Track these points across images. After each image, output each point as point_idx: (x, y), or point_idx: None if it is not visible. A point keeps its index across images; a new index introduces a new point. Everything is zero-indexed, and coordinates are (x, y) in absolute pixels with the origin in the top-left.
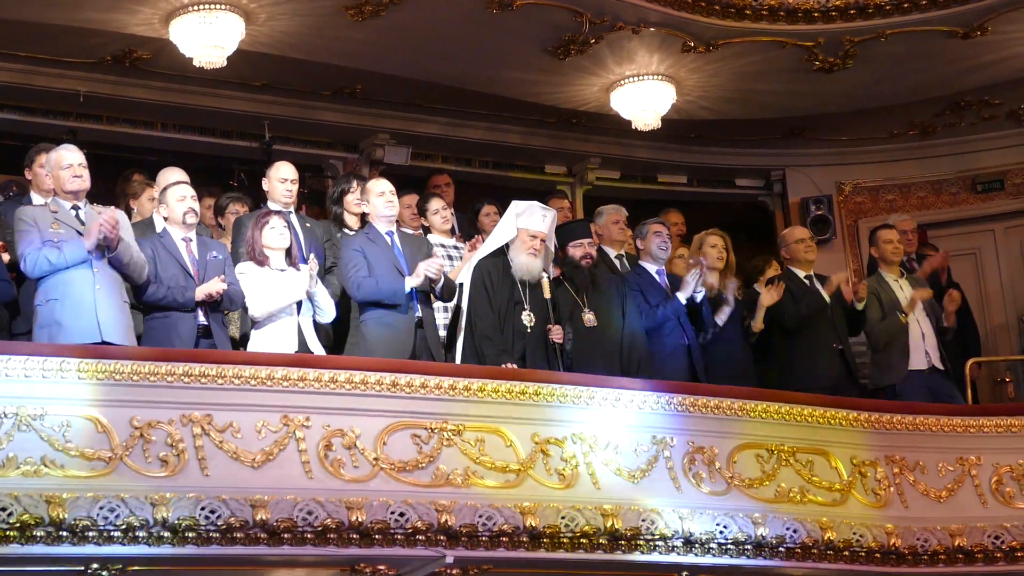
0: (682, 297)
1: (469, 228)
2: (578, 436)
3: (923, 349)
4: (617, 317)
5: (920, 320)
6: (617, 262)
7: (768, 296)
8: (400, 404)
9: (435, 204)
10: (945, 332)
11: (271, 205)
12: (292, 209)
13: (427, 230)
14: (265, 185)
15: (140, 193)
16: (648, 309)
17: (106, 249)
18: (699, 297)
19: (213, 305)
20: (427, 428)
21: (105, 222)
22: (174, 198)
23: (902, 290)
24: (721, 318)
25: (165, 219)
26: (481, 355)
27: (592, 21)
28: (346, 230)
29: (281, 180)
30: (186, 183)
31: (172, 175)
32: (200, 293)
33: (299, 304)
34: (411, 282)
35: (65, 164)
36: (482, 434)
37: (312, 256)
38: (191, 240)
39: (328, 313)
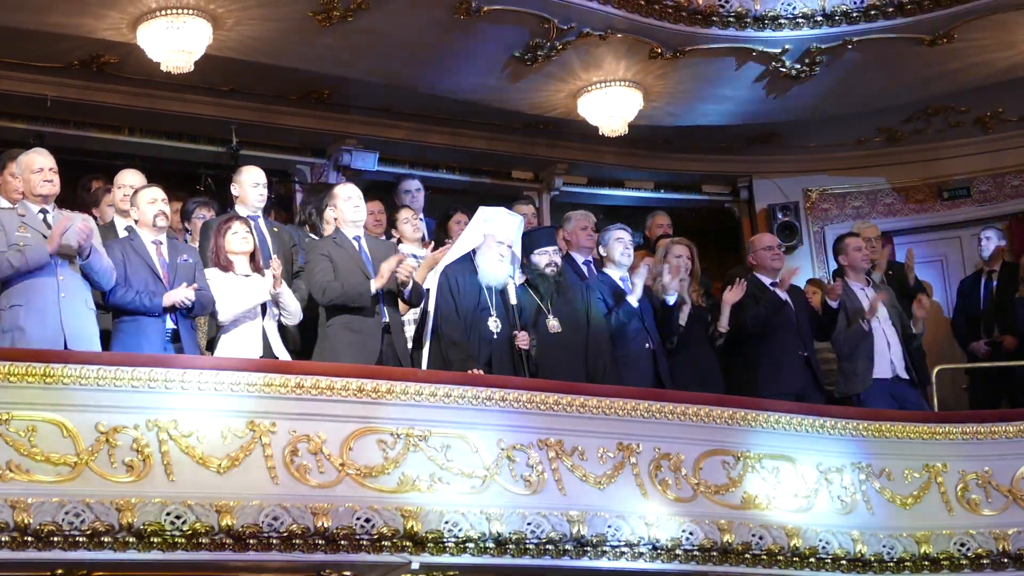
0: (632, 300)
1: (438, 234)
2: (544, 442)
3: (888, 358)
4: (582, 323)
5: (885, 329)
6: (585, 268)
7: (731, 294)
8: (366, 410)
9: (405, 213)
10: (912, 339)
11: (240, 209)
12: (260, 214)
13: (397, 240)
14: (235, 190)
15: (100, 199)
16: (609, 315)
17: (77, 256)
18: (671, 300)
19: (183, 310)
20: (393, 434)
21: (81, 230)
22: (145, 201)
23: (867, 298)
24: (682, 318)
25: (136, 222)
26: (447, 361)
27: (559, 28)
28: (312, 236)
29: (254, 184)
30: (157, 186)
31: (130, 177)
32: (168, 300)
33: (264, 308)
34: (376, 284)
35: (36, 168)
36: (448, 440)
37: (275, 258)
38: (161, 243)
39: (294, 316)
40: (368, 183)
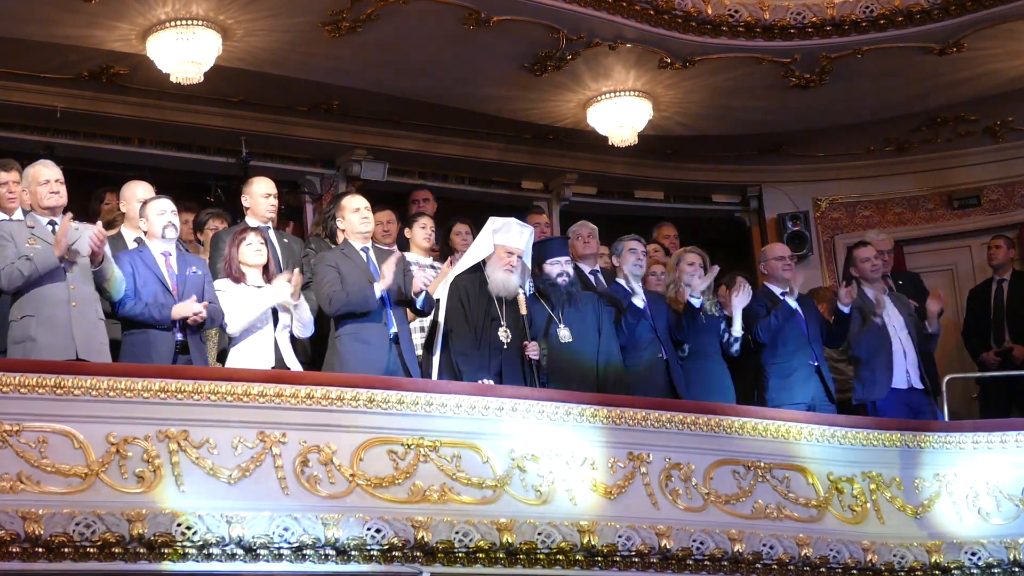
0: (638, 302)
1: (441, 245)
2: (555, 452)
3: (904, 367)
4: (592, 333)
5: (901, 337)
6: (592, 277)
7: (740, 299)
8: (376, 420)
9: (423, 219)
10: (928, 340)
11: (250, 220)
12: (271, 224)
13: (404, 245)
14: (246, 201)
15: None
16: (623, 324)
17: (90, 262)
18: (695, 302)
19: (193, 325)
20: (403, 444)
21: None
22: (154, 212)
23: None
24: (709, 307)
25: (145, 233)
26: (458, 371)
27: (569, 37)
28: (333, 244)
29: (265, 195)
30: (167, 198)
31: (139, 189)
32: (177, 313)
33: (275, 319)
34: (380, 287)
35: (42, 180)
36: (459, 450)
37: (297, 270)
38: (171, 255)
39: (307, 327)
40: (377, 194)
